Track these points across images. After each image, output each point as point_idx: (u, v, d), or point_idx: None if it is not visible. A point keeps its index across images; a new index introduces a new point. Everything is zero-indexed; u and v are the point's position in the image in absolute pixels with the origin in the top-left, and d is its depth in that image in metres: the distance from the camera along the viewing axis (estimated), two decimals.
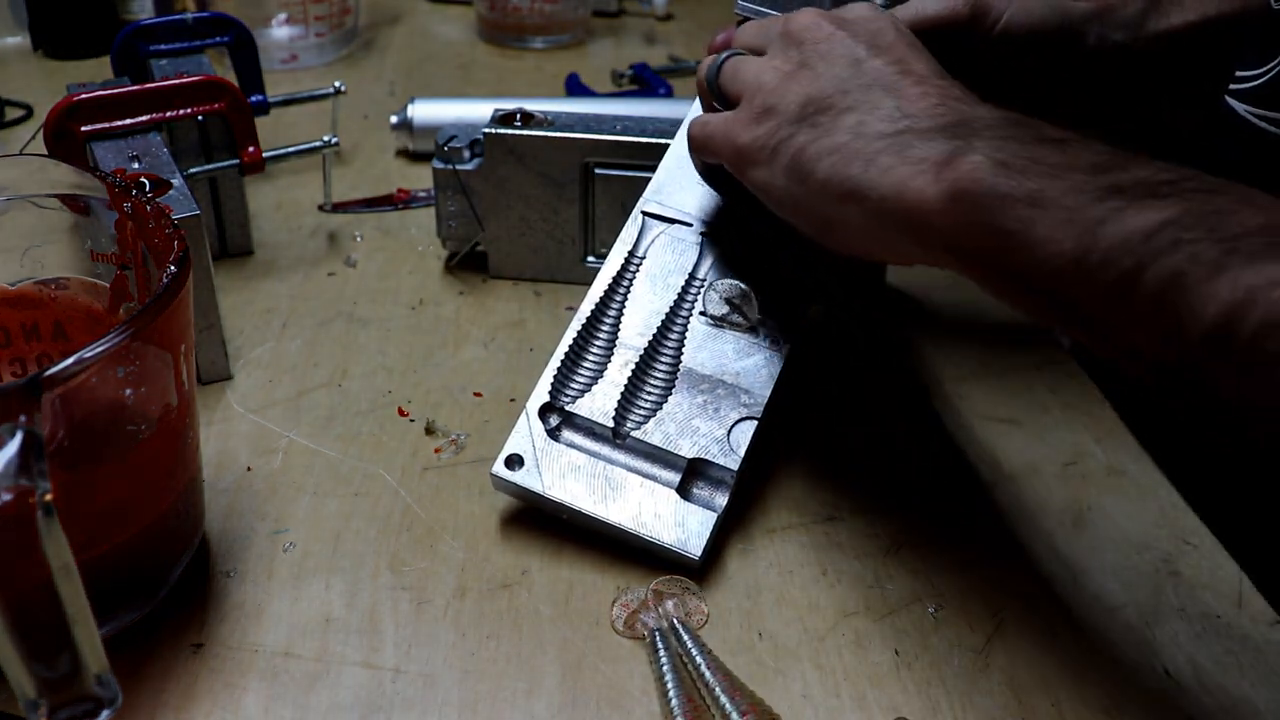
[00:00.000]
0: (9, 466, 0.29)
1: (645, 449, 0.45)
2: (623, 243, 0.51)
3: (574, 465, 0.45)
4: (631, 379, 0.47)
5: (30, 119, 0.83)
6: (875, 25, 0.42)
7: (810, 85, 0.41)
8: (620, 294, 0.49)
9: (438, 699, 0.39)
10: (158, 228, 0.39)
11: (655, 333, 0.48)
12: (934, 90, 0.39)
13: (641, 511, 0.44)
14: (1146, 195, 0.31)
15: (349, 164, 0.78)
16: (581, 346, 0.48)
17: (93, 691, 0.32)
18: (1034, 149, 0.34)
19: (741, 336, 0.48)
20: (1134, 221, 0.31)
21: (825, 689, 0.40)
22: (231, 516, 0.47)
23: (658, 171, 0.53)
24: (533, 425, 0.46)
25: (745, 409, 0.46)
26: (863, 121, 0.39)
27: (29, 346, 0.45)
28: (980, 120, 0.36)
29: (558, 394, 0.47)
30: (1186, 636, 0.42)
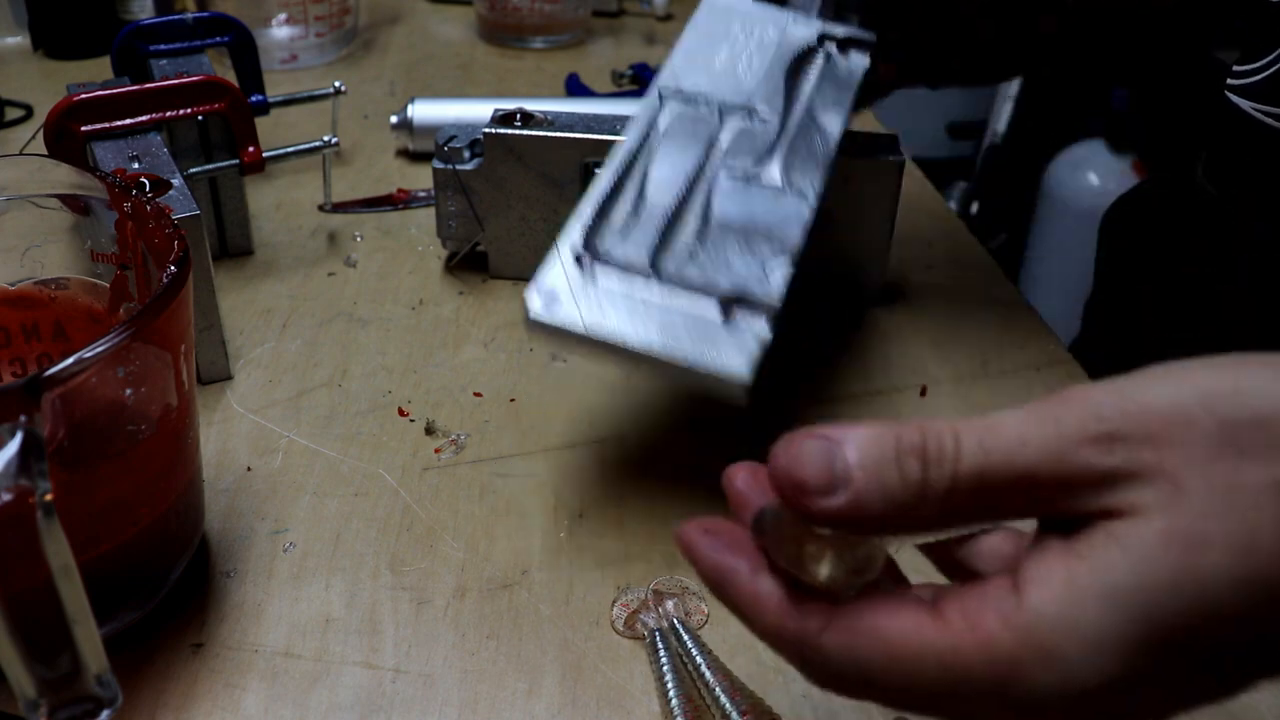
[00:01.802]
0: (9, 466, 0.29)
1: (683, 283, 0.44)
2: (640, 120, 0.50)
3: (611, 300, 0.42)
4: (664, 227, 0.45)
5: (30, 119, 0.83)
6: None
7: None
8: (643, 161, 0.49)
9: (438, 699, 0.39)
10: (158, 228, 0.39)
11: (682, 189, 0.47)
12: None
13: (685, 339, 0.41)
14: None
15: (349, 164, 0.78)
16: (609, 201, 0.47)
17: (93, 691, 0.32)
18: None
19: (768, 190, 0.47)
20: None
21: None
22: (231, 516, 0.47)
23: (674, 54, 0.52)
24: (566, 263, 0.43)
25: (780, 249, 0.45)
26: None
27: (29, 346, 0.45)
28: None
29: (589, 240, 0.44)
30: None
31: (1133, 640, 0.23)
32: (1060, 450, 0.24)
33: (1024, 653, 0.24)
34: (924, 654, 0.25)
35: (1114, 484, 0.24)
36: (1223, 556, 0.23)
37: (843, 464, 0.25)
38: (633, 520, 0.47)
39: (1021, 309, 0.62)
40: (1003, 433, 0.25)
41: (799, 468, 0.25)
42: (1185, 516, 0.23)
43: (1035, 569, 0.25)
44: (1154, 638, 0.23)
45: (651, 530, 0.47)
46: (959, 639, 0.25)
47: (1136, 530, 0.24)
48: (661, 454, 0.51)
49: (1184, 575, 0.23)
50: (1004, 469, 0.25)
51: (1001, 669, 0.24)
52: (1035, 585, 0.24)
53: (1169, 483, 0.24)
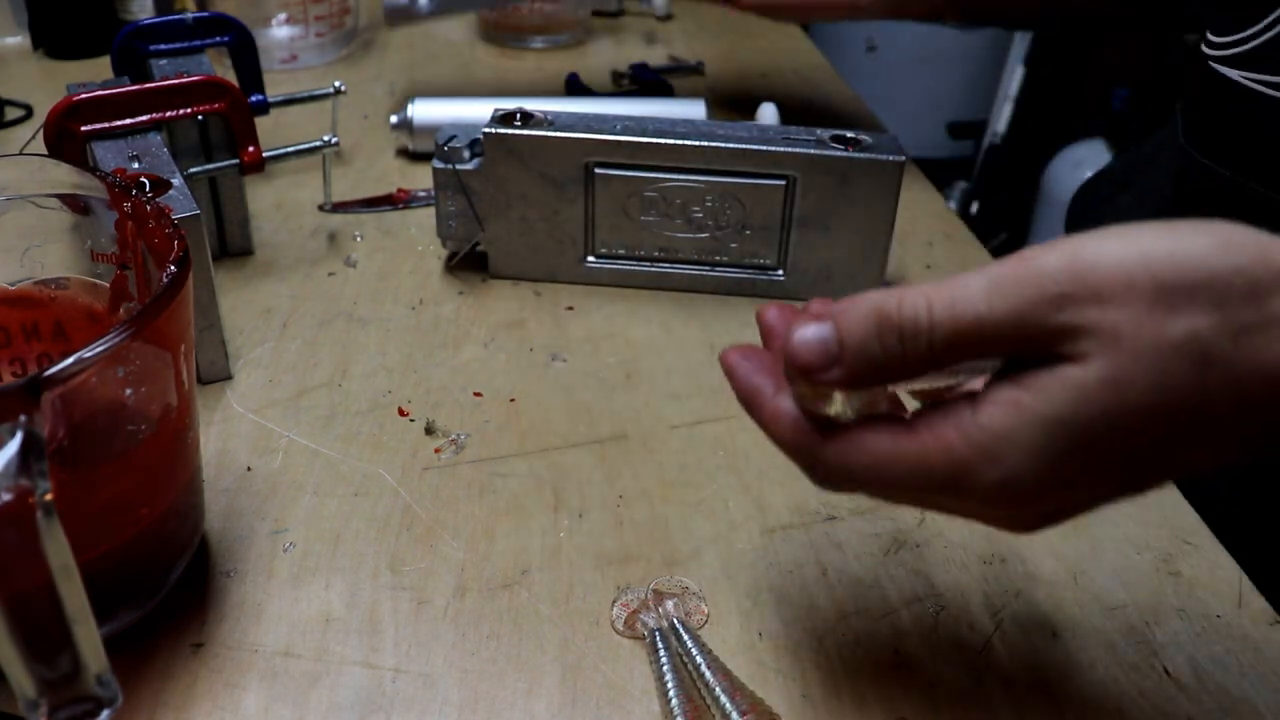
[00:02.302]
0: (9, 466, 0.29)
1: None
2: None
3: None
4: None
5: (30, 119, 0.83)
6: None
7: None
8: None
9: (437, 699, 0.39)
10: (158, 227, 0.39)
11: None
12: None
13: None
14: None
15: (349, 164, 0.78)
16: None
17: (93, 691, 0.32)
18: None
19: None
20: None
21: (825, 689, 0.40)
22: (231, 516, 0.47)
23: None
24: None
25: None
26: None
27: (29, 346, 0.45)
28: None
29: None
30: (1186, 636, 0.42)
31: (1061, 454, 0.29)
32: (1020, 312, 0.29)
33: (974, 456, 0.30)
34: (899, 459, 0.31)
35: (1063, 336, 0.29)
36: (1141, 395, 0.28)
37: (835, 346, 0.31)
38: (633, 520, 0.47)
39: None
40: (970, 299, 0.30)
41: (801, 352, 0.31)
42: (1117, 364, 0.28)
43: (990, 395, 0.30)
44: (1078, 454, 0.29)
45: (651, 530, 0.47)
46: (925, 446, 0.31)
47: (1076, 374, 0.29)
48: (661, 454, 0.51)
49: (1110, 409, 0.29)
50: (972, 332, 0.30)
51: (957, 468, 0.30)
52: (988, 405, 0.30)
53: (1109, 335, 0.29)
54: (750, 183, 0.59)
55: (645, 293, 0.63)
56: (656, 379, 0.56)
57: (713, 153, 0.59)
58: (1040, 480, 0.30)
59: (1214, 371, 0.28)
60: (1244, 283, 0.28)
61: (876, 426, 0.32)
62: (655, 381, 0.56)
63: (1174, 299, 0.28)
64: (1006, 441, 0.30)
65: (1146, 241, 0.29)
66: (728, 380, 0.35)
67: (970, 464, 0.30)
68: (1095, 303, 0.29)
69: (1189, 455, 0.30)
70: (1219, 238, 0.29)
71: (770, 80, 0.94)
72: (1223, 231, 0.29)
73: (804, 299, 0.62)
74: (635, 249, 0.63)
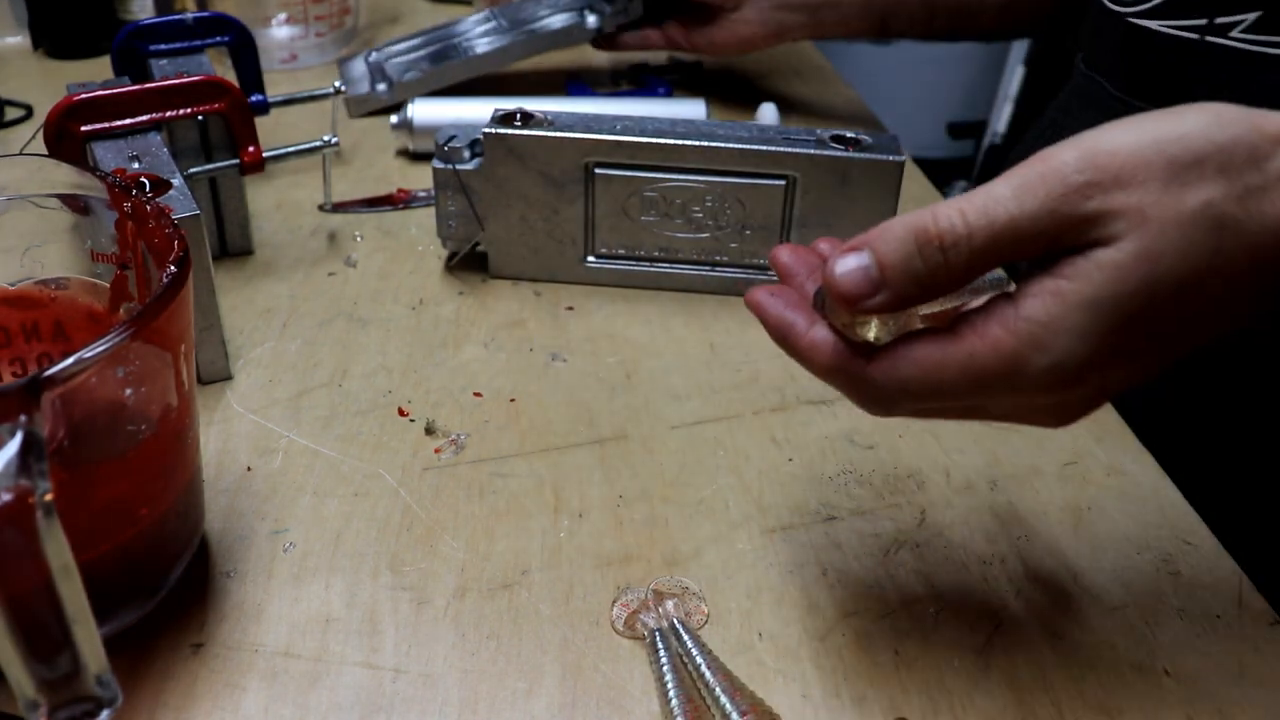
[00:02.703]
0: (9, 466, 0.29)
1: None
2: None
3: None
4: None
5: (30, 119, 0.83)
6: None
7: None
8: None
9: (438, 699, 0.39)
10: (158, 227, 0.39)
11: None
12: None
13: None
14: None
15: (349, 164, 0.78)
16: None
17: (93, 691, 0.32)
18: None
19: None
20: None
21: (825, 689, 0.40)
22: (231, 516, 0.47)
23: None
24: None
25: None
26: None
27: (29, 346, 0.45)
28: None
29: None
30: (1187, 636, 0.42)
31: (1106, 331, 0.31)
32: (1050, 206, 0.31)
33: (1023, 347, 0.32)
34: (948, 363, 0.32)
35: (1093, 222, 0.31)
36: (1171, 265, 0.31)
37: (876, 271, 0.32)
38: (633, 520, 0.47)
39: None
40: (1001, 202, 0.31)
41: (843, 283, 0.32)
42: (1146, 239, 0.31)
43: (1029, 288, 0.32)
44: (1118, 326, 0.31)
45: (651, 530, 0.47)
46: (973, 346, 0.32)
47: (1111, 255, 0.31)
48: (661, 454, 0.51)
49: (1144, 283, 0.31)
50: (1008, 233, 0.31)
51: (1007, 362, 0.32)
52: (1029, 298, 0.32)
53: (1135, 215, 0.31)
54: (750, 183, 0.59)
55: (645, 293, 0.63)
56: (656, 379, 0.56)
57: (713, 153, 0.59)
58: (1088, 360, 0.32)
59: (1228, 234, 0.31)
60: (1244, 150, 0.31)
61: (920, 338, 0.33)
62: (655, 381, 0.56)
63: (1186, 174, 0.31)
64: (1053, 328, 0.31)
65: (1151, 127, 0.31)
66: (758, 318, 0.36)
67: (1020, 355, 0.32)
68: (1118, 187, 0.31)
69: (1214, 319, 0.32)
70: (1212, 114, 0.31)
71: (770, 80, 0.94)
72: (1213, 109, 0.32)
73: None
74: (635, 249, 0.63)
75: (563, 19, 0.87)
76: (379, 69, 0.85)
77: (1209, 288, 0.31)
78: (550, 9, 0.89)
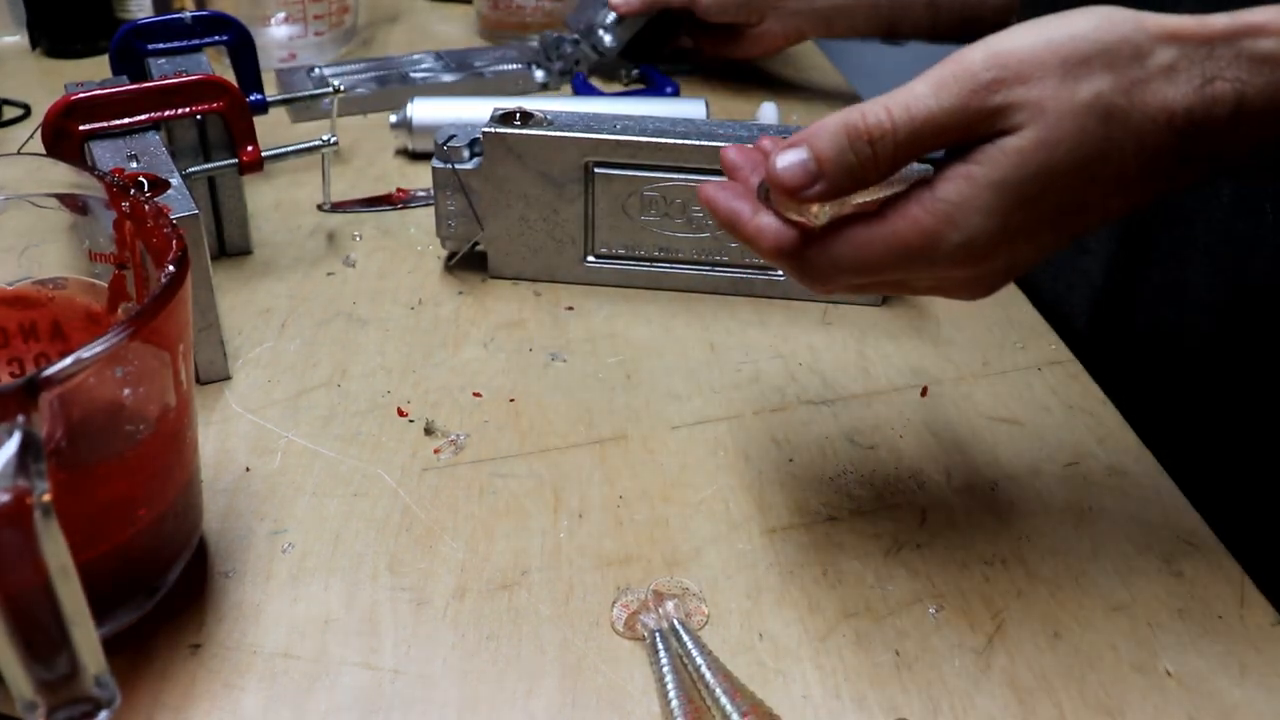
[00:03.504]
0: (7, 467, 0.29)
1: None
2: None
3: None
4: None
5: (28, 118, 0.83)
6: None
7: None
8: None
9: (437, 700, 0.39)
10: (156, 227, 0.39)
11: None
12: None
13: None
14: None
15: (348, 163, 0.77)
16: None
17: (91, 692, 0.32)
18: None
19: None
20: None
21: (826, 690, 0.40)
22: (230, 517, 0.47)
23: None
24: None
25: None
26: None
27: (27, 346, 0.45)
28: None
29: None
30: (1188, 637, 0.42)
31: (1010, 209, 0.36)
32: (964, 102, 0.35)
33: (939, 225, 0.36)
34: (874, 241, 0.37)
35: (1000, 114, 0.35)
36: (1067, 151, 0.35)
37: (813, 164, 0.36)
38: (633, 521, 0.47)
39: (1022, 308, 0.62)
40: (921, 99, 0.35)
41: (784, 176, 0.37)
42: (1044, 129, 0.35)
43: (945, 174, 0.36)
44: (1022, 204, 0.35)
45: (651, 531, 0.47)
46: (896, 225, 0.36)
47: (1014, 142, 0.35)
48: (661, 454, 0.51)
49: (1043, 166, 0.35)
50: (928, 126, 0.35)
51: (926, 238, 0.36)
52: (944, 182, 0.36)
53: (1035, 107, 0.35)
54: None
55: (645, 293, 0.63)
56: (656, 379, 0.56)
57: (712, 153, 0.58)
58: (996, 236, 0.36)
59: (1116, 123, 0.35)
60: (1129, 47, 0.35)
61: (852, 221, 0.38)
62: (655, 381, 0.56)
63: (1077, 69, 0.35)
64: (965, 207, 0.36)
65: (1047, 29, 0.35)
66: (709, 209, 0.40)
67: (937, 231, 0.36)
68: (1020, 83, 0.35)
69: (1109, 200, 0.37)
70: (1102, 16, 0.35)
71: (770, 80, 0.94)
72: (1104, 11, 0.36)
73: (804, 299, 0.62)
74: (635, 249, 0.62)
75: (511, 69, 0.91)
76: (321, 80, 0.86)
77: (1101, 171, 0.35)
78: (498, 60, 0.93)
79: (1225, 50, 0.35)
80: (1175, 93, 0.35)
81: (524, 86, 0.90)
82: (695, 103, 0.79)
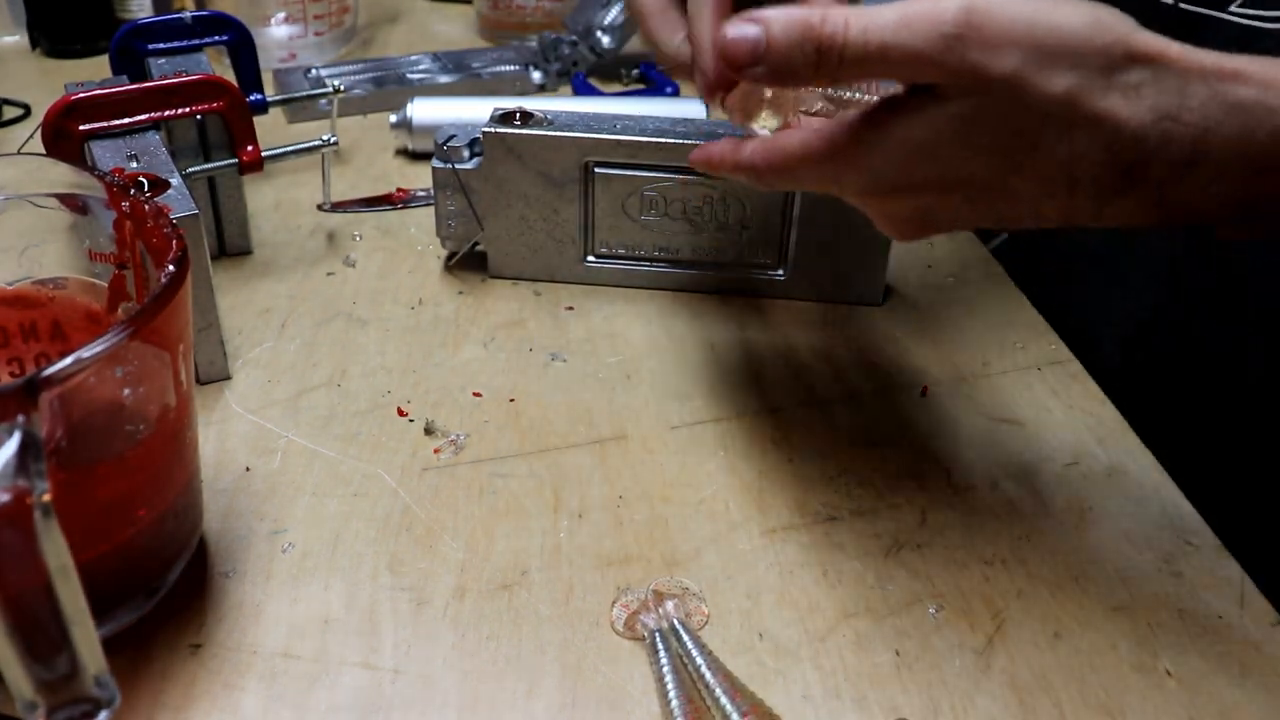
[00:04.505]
0: (7, 467, 0.29)
1: None
2: None
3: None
4: None
5: (28, 118, 0.83)
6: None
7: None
8: None
9: (437, 700, 0.39)
10: (156, 227, 0.39)
11: None
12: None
13: None
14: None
15: (348, 163, 0.77)
16: None
17: (91, 692, 0.32)
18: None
19: None
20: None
21: (826, 690, 0.40)
22: (230, 517, 0.47)
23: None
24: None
25: None
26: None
27: (27, 346, 0.45)
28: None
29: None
30: (1188, 637, 0.42)
31: (911, 165, 0.37)
32: (920, 48, 0.34)
33: (849, 152, 0.38)
34: (801, 147, 0.39)
35: (947, 72, 0.34)
36: (990, 133, 0.35)
37: (763, 47, 0.36)
38: (633, 520, 0.47)
39: (1022, 309, 0.62)
40: (881, 29, 0.34)
41: (731, 47, 0.37)
42: (972, 104, 0.35)
43: (877, 107, 0.37)
44: (931, 162, 0.36)
45: (651, 531, 0.47)
46: (817, 136, 0.38)
47: (940, 105, 0.35)
48: (661, 454, 0.51)
49: (956, 137, 0.35)
50: (876, 55, 0.35)
51: (838, 154, 0.38)
52: (869, 114, 0.37)
53: (981, 80, 0.34)
54: None
55: (645, 293, 0.63)
56: (656, 379, 0.56)
57: None
58: (894, 180, 0.38)
59: (1053, 124, 0.34)
60: (1103, 59, 0.34)
61: (789, 132, 0.40)
62: (655, 381, 0.56)
63: (1044, 60, 0.34)
64: (870, 146, 0.37)
65: (1036, 7, 0.34)
66: (694, 162, 0.44)
67: (846, 156, 0.38)
68: (982, 47, 0.34)
69: (1041, 202, 0.37)
70: (1095, 18, 0.34)
71: None
72: (1101, 12, 0.34)
73: (804, 299, 0.62)
74: (635, 249, 0.62)
75: (509, 70, 0.90)
76: (318, 81, 0.86)
77: (1028, 163, 0.35)
78: (496, 62, 0.92)
79: (1201, 88, 0.34)
80: (1127, 111, 0.34)
81: (521, 88, 0.90)
82: (695, 103, 0.79)
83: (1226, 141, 0.34)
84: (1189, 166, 0.34)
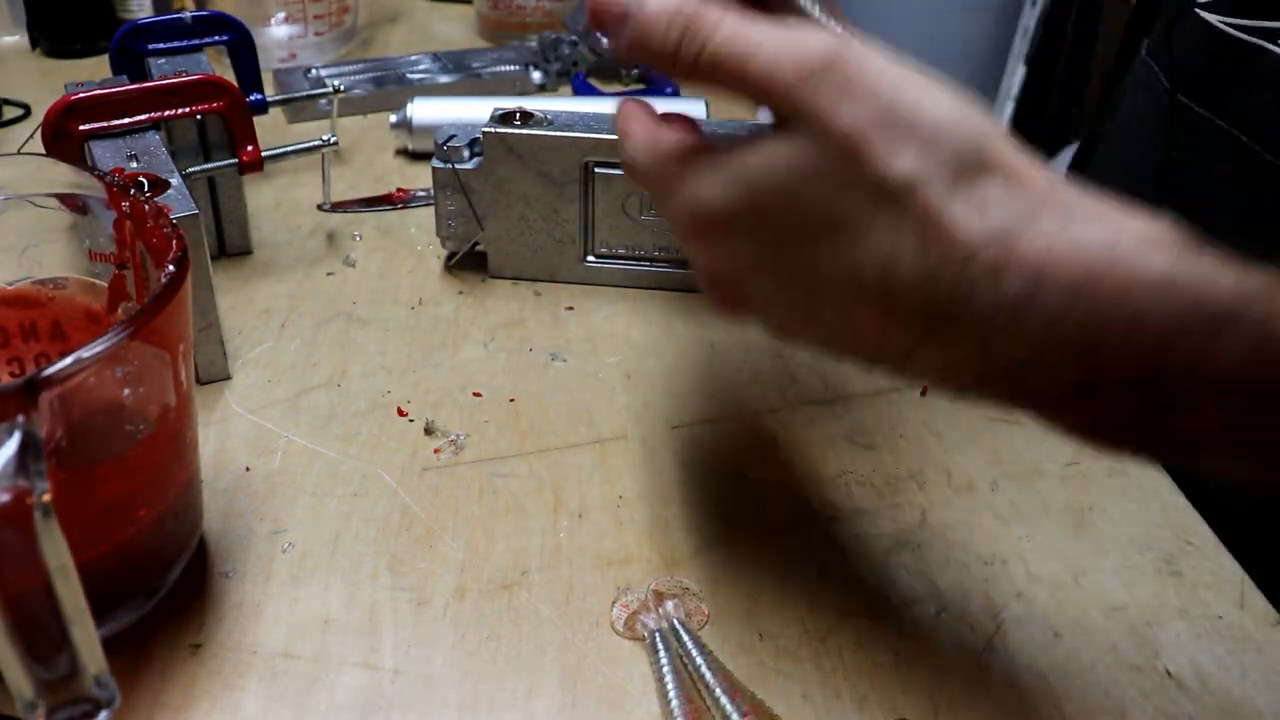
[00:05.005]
0: (7, 467, 0.29)
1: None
2: None
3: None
4: None
5: (28, 118, 0.83)
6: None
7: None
8: None
9: (437, 700, 0.39)
10: (156, 227, 0.39)
11: None
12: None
13: None
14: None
15: (348, 163, 0.77)
16: None
17: (91, 692, 0.32)
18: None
19: None
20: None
21: (826, 690, 0.40)
22: (230, 517, 0.47)
23: None
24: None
25: None
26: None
27: (27, 346, 0.45)
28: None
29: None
30: (1188, 637, 0.42)
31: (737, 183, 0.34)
32: (770, 72, 0.32)
33: (693, 164, 0.35)
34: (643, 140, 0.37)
35: (793, 110, 0.32)
36: (810, 184, 0.32)
37: (636, 9, 0.35)
38: (633, 520, 0.47)
39: None
40: (752, 44, 0.33)
41: (603, 9, 0.36)
42: (809, 151, 0.32)
43: (729, 128, 0.36)
44: (755, 210, 0.33)
45: (651, 530, 0.47)
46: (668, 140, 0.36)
47: (780, 142, 0.32)
48: (661, 454, 0.51)
49: (784, 183, 0.32)
50: (731, 68, 0.33)
51: (679, 166, 0.36)
52: (718, 134, 0.36)
53: (822, 127, 0.31)
54: None
55: (645, 293, 0.63)
56: (656, 379, 0.56)
57: None
58: (712, 210, 0.34)
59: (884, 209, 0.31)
60: (955, 158, 0.30)
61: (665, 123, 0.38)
62: (655, 381, 0.56)
63: (893, 130, 0.30)
64: (712, 168, 0.34)
65: (906, 79, 0.31)
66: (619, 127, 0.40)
67: (681, 175, 0.35)
68: (833, 93, 0.31)
69: (847, 303, 0.33)
70: (961, 111, 0.31)
71: None
72: (970, 109, 0.31)
73: None
74: (635, 249, 0.62)
75: (509, 70, 0.90)
76: (318, 81, 0.86)
77: (835, 257, 0.32)
78: (496, 62, 0.92)
79: (1051, 222, 0.29)
80: (964, 224, 0.30)
81: (521, 88, 0.90)
82: (695, 102, 0.79)
83: (1074, 281, 0.29)
84: (1027, 301, 0.29)
